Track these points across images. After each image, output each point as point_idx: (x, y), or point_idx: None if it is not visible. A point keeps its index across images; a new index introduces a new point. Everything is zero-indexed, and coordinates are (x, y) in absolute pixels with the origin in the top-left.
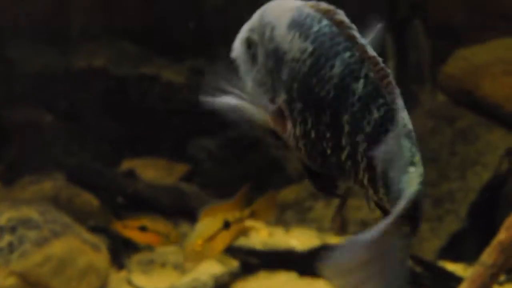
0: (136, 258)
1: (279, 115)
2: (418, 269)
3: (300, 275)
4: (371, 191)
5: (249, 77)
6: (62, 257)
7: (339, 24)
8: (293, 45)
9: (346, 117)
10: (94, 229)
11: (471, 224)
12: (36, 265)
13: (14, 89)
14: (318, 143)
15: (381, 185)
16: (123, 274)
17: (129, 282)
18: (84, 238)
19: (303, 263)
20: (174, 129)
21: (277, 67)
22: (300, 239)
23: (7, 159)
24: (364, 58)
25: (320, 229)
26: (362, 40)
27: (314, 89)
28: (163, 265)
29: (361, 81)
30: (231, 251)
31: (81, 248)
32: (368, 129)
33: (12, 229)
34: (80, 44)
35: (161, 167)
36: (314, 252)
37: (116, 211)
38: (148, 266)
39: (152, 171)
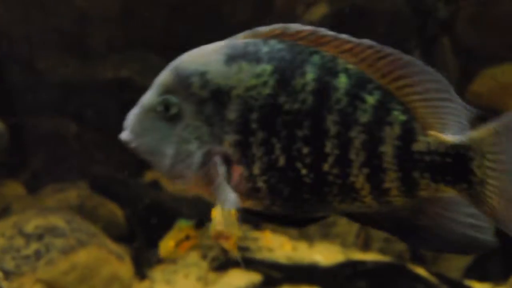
0: (159, 269)
1: (214, 167)
2: (444, 287)
3: None
4: (365, 192)
5: (167, 144)
6: (87, 266)
7: (292, 35)
8: (243, 76)
9: (331, 118)
10: (119, 240)
11: (498, 242)
12: (62, 273)
13: (41, 99)
14: (289, 169)
15: (394, 171)
16: (146, 284)
17: None
18: (108, 247)
19: (327, 278)
20: None
21: (218, 110)
22: (324, 254)
23: (32, 167)
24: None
25: (344, 245)
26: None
27: (283, 107)
28: (186, 276)
29: (342, 75)
30: (254, 264)
31: (106, 258)
32: (364, 118)
33: (39, 237)
34: (106, 55)
35: None
36: (338, 267)
37: (139, 222)
38: (171, 276)
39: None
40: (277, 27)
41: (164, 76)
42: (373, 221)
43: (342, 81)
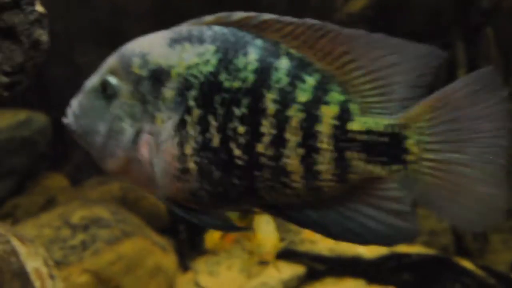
0: (202, 260)
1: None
2: (491, 281)
3: (368, 282)
4: (297, 176)
5: (102, 123)
6: (133, 257)
7: (237, 22)
8: (185, 55)
9: (270, 96)
10: (162, 231)
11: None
12: (108, 264)
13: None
14: (222, 149)
15: (329, 151)
16: (189, 275)
17: (197, 284)
18: (153, 239)
19: (371, 270)
20: None
21: (155, 89)
22: (367, 247)
23: (75, 160)
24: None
25: None
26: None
27: (224, 84)
28: (229, 268)
29: (284, 58)
30: (297, 256)
31: (150, 249)
32: (303, 98)
33: (85, 228)
34: None
35: None
36: (382, 260)
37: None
38: (215, 268)
39: None
40: (221, 15)
41: (108, 59)
42: (291, 213)
43: (283, 62)
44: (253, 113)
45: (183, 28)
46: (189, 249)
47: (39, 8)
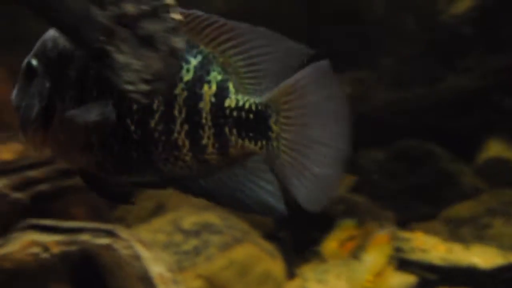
0: (309, 267)
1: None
2: None
3: None
4: (186, 149)
5: (23, 101)
6: (243, 263)
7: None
8: None
9: None
10: (268, 237)
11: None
12: (221, 269)
13: None
14: (119, 125)
15: (210, 126)
16: (297, 283)
17: None
18: (261, 245)
19: (487, 281)
20: None
21: (62, 69)
22: (481, 257)
23: None
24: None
25: (501, 247)
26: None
27: None
28: (337, 276)
29: None
30: (408, 265)
31: (260, 255)
32: (188, 77)
33: (196, 233)
34: None
35: None
36: (498, 270)
37: (283, 220)
38: (323, 276)
39: None
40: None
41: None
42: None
43: None
44: None
45: None
46: (294, 255)
47: (176, 15)
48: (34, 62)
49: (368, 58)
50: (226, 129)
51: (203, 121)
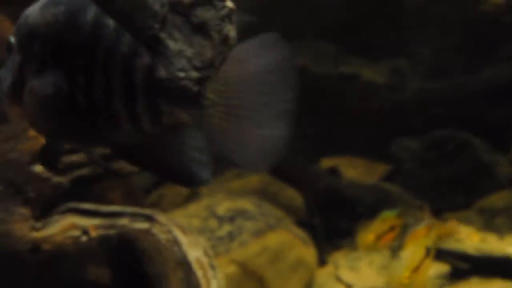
0: (340, 255)
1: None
2: None
3: None
4: (124, 119)
5: (2, 74)
6: (276, 249)
7: None
8: (45, 16)
9: (101, 51)
10: (300, 224)
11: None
12: (254, 255)
13: None
14: (69, 94)
15: (143, 95)
16: (329, 270)
17: (338, 278)
18: (294, 232)
19: None
20: (373, 128)
21: (30, 44)
22: None
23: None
24: None
25: None
26: None
27: (70, 41)
28: (370, 264)
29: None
30: (441, 254)
31: (293, 242)
32: (125, 49)
33: (231, 219)
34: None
35: (360, 166)
36: None
37: (318, 208)
38: (355, 263)
39: (351, 170)
40: None
41: None
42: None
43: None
44: (88, 64)
45: None
46: (326, 243)
47: (229, 3)
48: (12, 38)
49: (405, 47)
50: (158, 99)
51: (138, 91)
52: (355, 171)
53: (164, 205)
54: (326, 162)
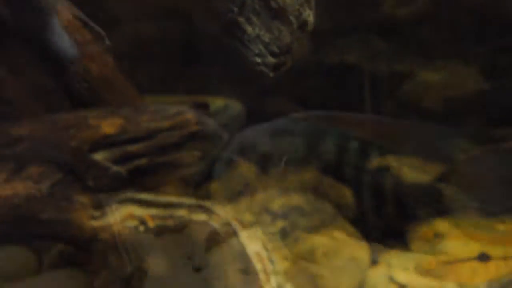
0: (392, 254)
1: None
2: None
3: None
4: None
5: None
6: (330, 246)
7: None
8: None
9: None
10: (354, 222)
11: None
12: (307, 252)
13: (266, 82)
14: None
15: None
16: (381, 269)
17: (391, 279)
18: (347, 229)
19: None
20: (427, 128)
21: None
22: None
23: None
24: None
25: None
26: None
27: None
28: (421, 264)
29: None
30: None
31: (346, 240)
32: None
33: (284, 215)
34: (332, 40)
35: (415, 165)
36: None
37: (369, 205)
38: (408, 263)
39: (405, 169)
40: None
41: None
42: None
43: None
44: None
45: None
46: (378, 242)
47: None
48: None
49: (460, 46)
50: None
51: None
52: (409, 170)
53: (217, 199)
54: (379, 161)
